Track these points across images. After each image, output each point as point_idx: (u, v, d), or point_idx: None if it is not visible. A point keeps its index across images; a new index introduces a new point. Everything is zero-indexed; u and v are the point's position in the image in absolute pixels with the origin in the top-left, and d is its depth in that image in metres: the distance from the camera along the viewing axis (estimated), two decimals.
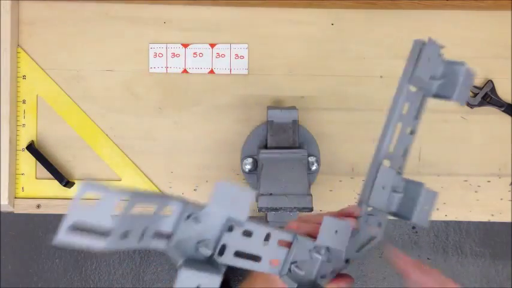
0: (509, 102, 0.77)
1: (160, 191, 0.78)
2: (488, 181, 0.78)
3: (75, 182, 0.78)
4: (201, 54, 0.78)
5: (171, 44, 0.78)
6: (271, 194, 0.68)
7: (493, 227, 1.43)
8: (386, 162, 0.48)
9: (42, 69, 0.78)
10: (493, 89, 0.77)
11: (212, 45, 0.78)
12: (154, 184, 0.78)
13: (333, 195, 0.77)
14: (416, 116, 0.50)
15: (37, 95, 0.78)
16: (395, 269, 0.47)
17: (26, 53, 0.78)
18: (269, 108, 0.72)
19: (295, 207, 0.68)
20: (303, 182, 0.68)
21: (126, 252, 1.45)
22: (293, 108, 0.73)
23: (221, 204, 0.40)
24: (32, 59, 0.78)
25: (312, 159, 0.75)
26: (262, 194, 0.68)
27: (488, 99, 0.77)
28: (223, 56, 0.78)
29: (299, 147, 0.71)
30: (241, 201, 0.40)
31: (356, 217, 0.48)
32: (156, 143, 0.78)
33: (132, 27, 0.78)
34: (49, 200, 0.77)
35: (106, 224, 0.32)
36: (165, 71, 0.78)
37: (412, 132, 0.50)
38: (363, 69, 0.78)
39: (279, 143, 0.71)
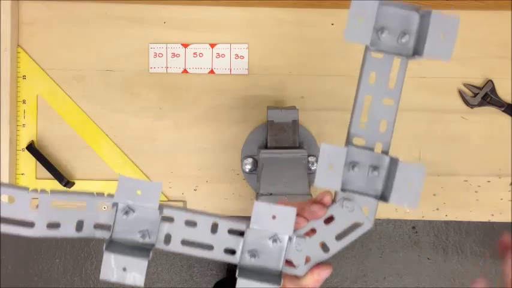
0: (509, 102, 0.77)
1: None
2: (488, 181, 0.78)
3: (75, 182, 0.78)
4: (201, 54, 0.78)
5: (171, 44, 0.78)
6: (271, 194, 0.68)
7: (493, 227, 1.43)
8: (358, 141, 0.45)
9: (42, 69, 0.78)
10: (493, 89, 0.77)
11: (212, 45, 0.78)
12: None
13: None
14: (396, 84, 0.45)
15: (37, 95, 0.78)
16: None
17: (26, 53, 0.78)
18: (269, 108, 0.72)
19: None
20: (303, 182, 0.68)
21: None
22: (293, 108, 0.73)
23: (126, 196, 0.43)
24: (32, 59, 0.78)
25: (312, 159, 0.75)
26: (262, 194, 0.68)
27: (488, 99, 0.77)
28: (223, 56, 0.78)
29: (299, 147, 0.71)
30: (148, 191, 0.43)
31: (325, 204, 0.46)
32: (156, 143, 0.78)
33: (132, 27, 0.78)
34: None
35: (28, 217, 0.42)
36: (165, 71, 0.78)
37: (391, 103, 0.45)
38: None
39: (279, 143, 0.71)
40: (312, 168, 0.74)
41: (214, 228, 0.45)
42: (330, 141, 0.79)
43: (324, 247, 0.46)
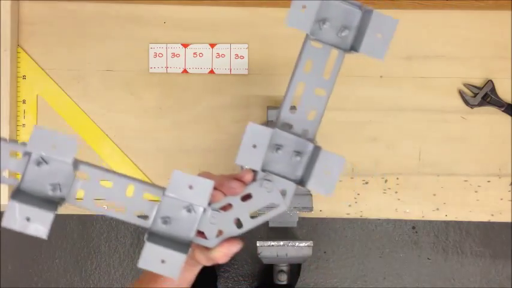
0: (509, 102, 0.77)
1: None
2: (488, 181, 0.78)
3: None
4: (201, 54, 0.78)
5: (171, 44, 0.78)
6: None
7: (493, 227, 1.43)
8: (286, 125, 0.46)
9: (42, 69, 0.78)
10: (493, 89, 0.77)
11: (212, 45, 0.78)
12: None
13: (333, 194, 0.77)
14: (331, 75, 0.46)
15: (37, 95, 0.78)
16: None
17: (26, 53, 0.78)
18: (269, 108, 0.72)
19: (295, 207, 0.68)
20: None
21: (126, 252, 1.45)
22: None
23: (40, 147, 0.42)
24: (32, 59, 0.78)
25: None
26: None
27: (488, 99, 0.77)
28: (223, 56, 0.78)
29: None
30: (64, 145, 0.43)
31: (245, 181, 0.47)
32: (156, 143, 0.78)
33: (132, 27, 0.78)
34: None
35: None
36: (165, 71, 0.78)
37: (323, 93, 0.46)
38: (363, 69, 0.78)
39: None
40: None
41: (129, 191, 0.45)
42: (330, 141, 0.79)
43: (238, 223, 0.47)
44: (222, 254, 0.47)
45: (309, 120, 0.47)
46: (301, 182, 0.46)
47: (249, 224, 0.47)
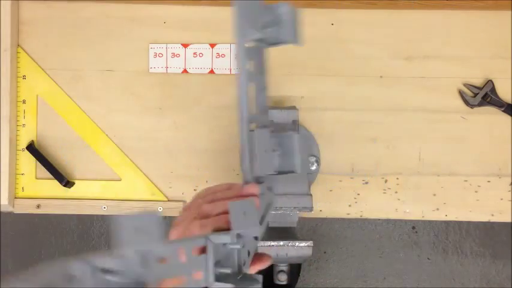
0: (509, 102, 0.77)
1: (160, 191, 0.78)
2: (488, 181, 0.78)
3: (75, 182, 0.78)
4: (201, 54, 0.78)
5: (171, 44, 0.78)
6: None
7: (493, 227, 1.43)
8: (253, 126, 0.46)
9: (42, 69, 0.78)
10: (493, 89, 0.77)
11: (212, 45, 0.78)
12: (154, 184, 0.78)
13: (333, 195, 0.77)
14: (261, 71, 0.49)
15: (37, 95, 0.78)
16: None
17: (26, 53, 0.78)
18: (269, 108, 0.72)
19: (295, 207, 0.68)
20: (302, 182, 0.68)
21: None
22: (293, 108, 0.73)
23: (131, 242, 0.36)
24: (32, 59, 0.78)
25: (312, 159, 0.75)
26: (262, 194, 0.67)
27: (488, 99, 0.77)
28: (223, 56, 0.78)
29: None
30: (151, 229, 0.36)
31: (257, 194, 0.46)
32: (156, 143, 0.78)
33: (132, 27, 0.78)
34: (49, 200, 0.77)
35: None
36: (165, 71, 0.78)
37: (264, 89, 0.49)
38: (363, 69, 0.78)
39: None
40: (312, 168, 0.74)
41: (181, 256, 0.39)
42: (330, 140, 0.79)
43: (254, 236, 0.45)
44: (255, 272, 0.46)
45: (263, 115, 0.49)
46: (281, 172, 0.48)
47: (260, 231, 0.44)
